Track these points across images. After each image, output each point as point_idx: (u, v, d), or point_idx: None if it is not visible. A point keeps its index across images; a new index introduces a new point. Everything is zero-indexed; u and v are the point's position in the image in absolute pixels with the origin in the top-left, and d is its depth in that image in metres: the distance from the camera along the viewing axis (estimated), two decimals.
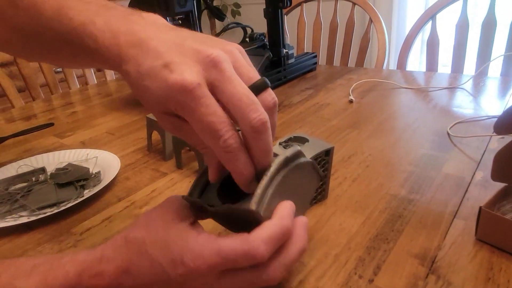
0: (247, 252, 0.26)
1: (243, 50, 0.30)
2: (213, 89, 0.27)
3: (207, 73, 0.27)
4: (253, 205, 0.27)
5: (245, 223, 0.28)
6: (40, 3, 0.36)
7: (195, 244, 0.27)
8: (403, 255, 0.37)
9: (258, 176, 0.29)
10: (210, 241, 0.27)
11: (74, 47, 0.33)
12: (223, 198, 0.31)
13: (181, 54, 0.27)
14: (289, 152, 0.30)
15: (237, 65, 0.28)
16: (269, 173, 0.28)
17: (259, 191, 0.27)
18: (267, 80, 0.29)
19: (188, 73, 0.26)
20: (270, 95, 0.29)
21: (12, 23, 0.39)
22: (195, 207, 0.31)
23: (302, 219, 0.30)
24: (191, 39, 0.28)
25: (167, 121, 0.30)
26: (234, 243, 0.26)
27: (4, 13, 0.40)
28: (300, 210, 0.33)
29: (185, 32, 0.30)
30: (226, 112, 0.27)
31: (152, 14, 0.33)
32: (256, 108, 0.26)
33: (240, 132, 0.28)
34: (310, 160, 0.32)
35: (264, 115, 0.27)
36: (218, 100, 0.27)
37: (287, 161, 0.29)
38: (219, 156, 0.28)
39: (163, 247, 0.27)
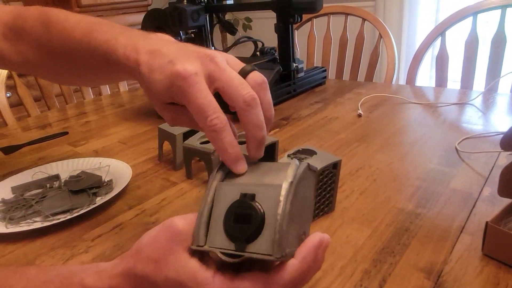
0: None
1: (233, 58, 0.36)
2: (211, 78, 0.32)
3: (205, 66, 0.33)
4: (276, 253, 0.26)
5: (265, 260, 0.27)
6: (70, 28, 0.43)
7: None
8: (409, 268, 0.37)
9: (251, 160, 0.32)
10: (228, 285, 0.26)
11: (99, 60, 0.40)
12: (232, 237, 0.28)
13: (185, 55, 0.34)
14: (290, 175, 0.29)
15: (228, 60, 0.35)
16: (280, 211, 0.27)
17: (277, 235, 0.26)
18: (253, 65, 0.34)
19: (187, 65, 0.32)
20: (256, 74, 0.34)
21: (45, 46, 0.46)
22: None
23: (324, 243, 0.29)
24: (193, 47, 0.36)
25: (168, 110, 0.36)
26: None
27: (39, 39, 0.48)
28: (310, 214, 0.32)
29: (189, 45, 0.37)
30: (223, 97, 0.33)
31: (165, 35, 0.40)
32: (246, 87, 0.32)
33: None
34: (305, 163, 0.31)
35: (253, 92, 0.32)
36: (215, 89, 0.33)
37: (291, 186, 0.28)
38: (207, 136, 0.32)
39: None
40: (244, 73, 0.33)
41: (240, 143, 0.55)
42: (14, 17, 0.49)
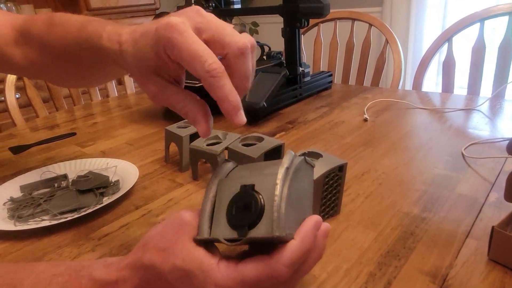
0: (270, 277, 0.26)
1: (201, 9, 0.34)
2: (199, 30, 0.31)
3: (191, 21, 0.31)
4: (275, 231, 0.27)
5: (267, 245, 0.28)
6: (69, 26, 0.43)
7: (217, 275, 0.27)
8: (414, 272, 0.37)
9: (236, 125, 0.31)
10: (232, 270, 0.27)
11: (89, 51, 0.39)
12: (234, 225, 0.29)
13: (168, 16, 0.32)
14: (286, 162, 0.30)
15: (214, 17, 0.33)
16: (278, 192, 0.28)
17: (275, 214, 0.27)
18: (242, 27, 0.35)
19: (172, 18, 0.30)
20: (247, 35, 0.32)
21: (47, 47, 0.47)
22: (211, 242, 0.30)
23: (324, 228, 0.30)
24: (177, 12, 0.34)
25: (153, 82, 0.34)
26: (257, 270, 0.26)
27: (43, 40, 0.49)
28: (309, 207, 0.33)
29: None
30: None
31: None
32: (239, 35, 0.31)
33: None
34: (302, 157, 0.32)
35: (248, 40, 0.31)
36: (204, 40, 0.31)
37: (287, 171, 0.30)
38: (206, 84, 0.29)
39: (184, 277, 0.28)
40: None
41: (245, 145, 0.55)
42: (24, 22, 0.50)
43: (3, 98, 1.13)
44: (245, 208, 0.29)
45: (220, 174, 0.33)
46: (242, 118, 0.31)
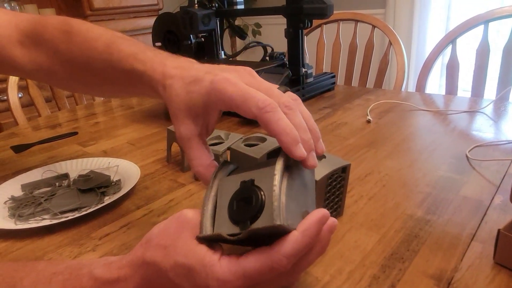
0: (271, 268, 0.26)
1: (253, 72, 0.36)
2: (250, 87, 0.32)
3: (243, 77, 0.33)
4: (276, 220, 0.27)
5: (269, 237, 0.28)
6: (92, 39, 0.44)
7: (218, 270, 0.26)
8: (418, 275, 0.37)
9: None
10: (234, 265, 0.27)
11: (121, 72, 0.41)
12: (236, 221, 0.29)
13: (219, 68, 0.35)
14: (284, 153, 0.30)
15: (248, 78, 0.34)
16: (276, 182, 0.28)
17: (275, 203, 0.27)
18: (286, 87, 0.35)
19: (226, 73, 0.33)
20: (291, 93, 0.34)
21: (64, 55, 0.47)
22: (214, 241, 0.30)
23: (330, 223, 0.29)
24: (227, 66, 0.36)
25: (186, 126, 0.35)
26: (258, 262, 0.26)
27: (57, 48, 0.49)
28: (312, 201, 0.33)
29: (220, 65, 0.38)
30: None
31: (188, 58, 0.40)
32: (284, 95, 0.32)
33: None
34: None
35: (289, 98, 0.32)
36: None
37: (287, 162, 0.30)
38: (262, 121, 0.30)
39: (186, 274, 0.27)
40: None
41: (248, 145, 0.55)
42: (33, 24, 0.49)
43: (5, 97, 1.14)
44: (246, 203, 0.29)
45: (220, 174, 0.33)
46: (301, 151, 0.29)
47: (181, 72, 0.35)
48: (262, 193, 0.29)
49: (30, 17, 0.51)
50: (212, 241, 0.29)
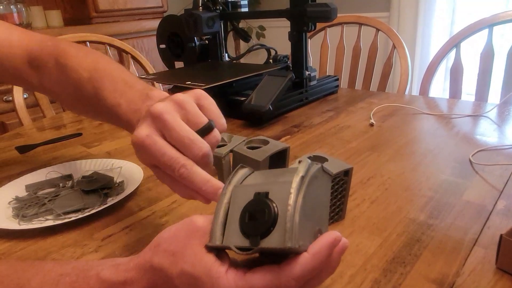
0: None
1: (203, 94, 0.39)
2: (163, 135, 0.36)
3: (155, 124, 0.36)
4: (288, 242, 0.26)
5: (278, 254, 0.28)
6: (84, 80, 0.49)
7: (225, 284, 0.26)
8: (420, 279, 0.37)
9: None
10: (240, 280, 0.27)
11: (111, 118, 0.47)
12: (247, 234, 0.28)
13: (144, 117, 0.37)
14: (301, 170, 0.29)
15: (183, 112, 0.37)
16: (291, 202, 0.27)
17: (288, 224, 0.27)
18: (212, 123, 0.38)
19: (139, 130, 0.36)
20: (214, 137, 0.37)
21: (63, 87, 0.52)
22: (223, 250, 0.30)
23: (342, 245, 0.29)
24: (156, 93, 0.44)
25: (155, 171, 0.39)
26: (265, 280, 0.26)
27: (58, 78, 0.52)
28: (325, 217, 0.32)
29: (156, 93, 0.44)
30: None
31: (157, 92, 0.45)
32: (196, 147, 0.35)
33: None
34: (319, 165, 0.31)
35: (204, 149, 0.35)
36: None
37: (303, 180, 0.29)
38: (183, 182, 0.35)
39: (192, 283, 0.27)
40: (202, 133, 0.37)
41: (250, 148, 0.55)
42: (38, 48, 0.54)
43: (11, 98, 1.14)
44: (258, 216, 0.28)
45: (234, 180, 0.32)
46: (215, 196, 0.35)
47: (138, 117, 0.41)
48: (275, 208, 0.28)
49: (38, 39, 0.55)
50: (220, 250, 0.29)
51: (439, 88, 2.23)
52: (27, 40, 0.54)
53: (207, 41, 1.09)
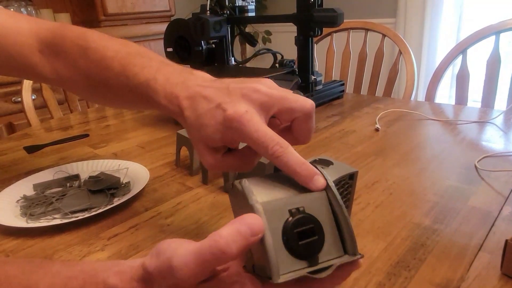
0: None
1: (272, 82, 0.37)
2: (265, 108, 0.34)
3: (254, 102, 0.34)
4: (357, 253, 0.28)
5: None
6: (109, 58, 0.44)
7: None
8: (424, 283, 0.37)
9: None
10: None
11: (139, 97, 0.41)
12: (302, 255, 0.27)
13: (229, 96, 0.34)
14: (329, 180, 0.30)
15: (273, 86, 0.36)
16: (346, 213, 0.28)
17: (351, 234, 0.28)
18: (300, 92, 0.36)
19: (237, 106, 0.33)
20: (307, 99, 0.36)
21: (82, 70, 0.48)
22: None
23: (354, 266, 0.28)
24: (233, 82, 0.36)
25: (211, 155, 0.36)
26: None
27: (76, 62, 0.48)
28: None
29: (226, 80, 0.37)
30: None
31: (200, 71, 0.40)
32: (303, 99, 0.34)
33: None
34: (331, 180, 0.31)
35: (311, 103, 0.34)
36: (273, 115, 0.35)
37: (335, 188, 0.29)
38: (276, 165, 0.31)
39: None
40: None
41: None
42: (52, 34, 0.50)
43: (19, 98, 1.16)
44: (308, 234, 0.27)
45: (254, 197, 0.28)
46: (318, 183, 0.30)
47: (191, 104, 0.36)
48: (319, 221, 0.28)
49: (50, 26, 0.51)
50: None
51: (445, 96, 2.22)
52: (37, 28, 0.51)
53: (213, 45, 1.10)
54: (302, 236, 0.27)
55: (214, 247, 0.24)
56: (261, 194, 0.28)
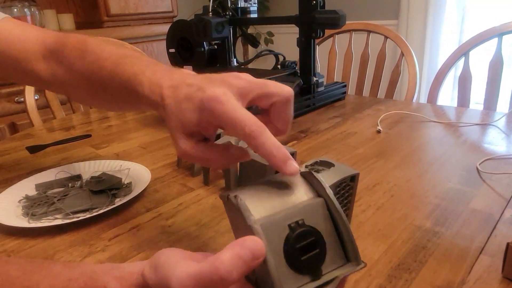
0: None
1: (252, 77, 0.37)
2: (243, 94, 0.34)
3: (233, 87, 0.34)
4: (361, 262, 0.27)
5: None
6: (103, 59, 0.46)
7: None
8: (425, 286, 0.37)
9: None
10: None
11: (127, 92, 0.42)
12: (303, 269, 0.26)
13: (210, 82, 0.35)
14: (327, 187, 0.29)
15: (253, 78, 0.36)
16: (347, 223, 0.27)
17: (350, 244, 0.27)
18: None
19: (216, 89, 0.33)
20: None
21: (79, 73, 0.50)
22: None
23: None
24: (216, 75, 0.36)
25: (185, 141, 0.36)
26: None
27: (74, 65, 0.50)
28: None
29: (211, 74, 0.37)
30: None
31: (187, 70, 0.41)
32: (281, 85, 0.35)
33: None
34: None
35: (290, 89, 0.35)
36: (250, 102, 0.35)
37: (332, 195, 0.29)
38: (249, 145, 0.31)
39: None
40: None
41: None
42: (56, 41, 0.53)
43: (22, 99, 1.16)
44: (309, 248, 0.26)
45: (253, 220, 0.26)
46: (292, 167, 0.30)
47: (173, 92, 0.36)
48: (319, 231, 0.27)
49: (55, 34, 0.54)
50: None
51: (447, 98, 2.21)
52: (43, 36, 0.54)
53: (216, 46, 1.10)
54: (304, 249, 0.26)
55: (214, 274, 0.23)
56: (258, 208, 0.27)
